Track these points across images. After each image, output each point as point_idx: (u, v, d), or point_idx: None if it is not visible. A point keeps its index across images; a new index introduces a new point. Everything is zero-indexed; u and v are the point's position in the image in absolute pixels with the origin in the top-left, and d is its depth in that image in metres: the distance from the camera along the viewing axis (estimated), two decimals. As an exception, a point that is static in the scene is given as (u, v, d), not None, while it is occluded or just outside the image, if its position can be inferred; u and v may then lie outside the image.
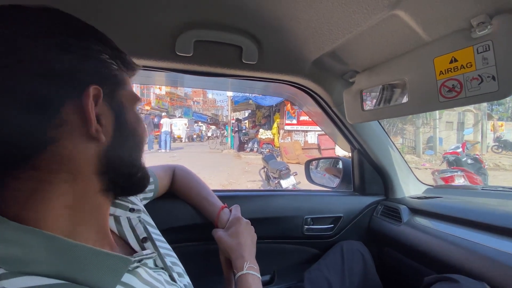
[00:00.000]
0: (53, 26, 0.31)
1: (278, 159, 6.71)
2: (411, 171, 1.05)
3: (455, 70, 0.51)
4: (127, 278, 0.33)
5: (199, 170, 7.05)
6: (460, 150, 4.50)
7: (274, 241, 0.96)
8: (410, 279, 0.82)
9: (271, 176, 4.81)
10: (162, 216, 0.70)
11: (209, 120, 27.13)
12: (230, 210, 0.75)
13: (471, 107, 11.43)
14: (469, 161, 4.33)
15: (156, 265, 0.45)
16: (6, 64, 0.28)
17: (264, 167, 5.36)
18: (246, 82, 0.85)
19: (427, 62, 0.56)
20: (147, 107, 17.53)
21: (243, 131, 12.93)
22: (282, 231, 0.95)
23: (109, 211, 0.41)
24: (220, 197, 0.91)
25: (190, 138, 18.39)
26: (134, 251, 0.45)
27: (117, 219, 0.46)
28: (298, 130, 10.07)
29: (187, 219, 0.79)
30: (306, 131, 10.14)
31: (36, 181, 0.30)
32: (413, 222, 0.85)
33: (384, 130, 0.97)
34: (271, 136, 10.41)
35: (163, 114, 13.74)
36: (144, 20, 0.58)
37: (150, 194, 0.69)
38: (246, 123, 15.92)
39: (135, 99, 0.39)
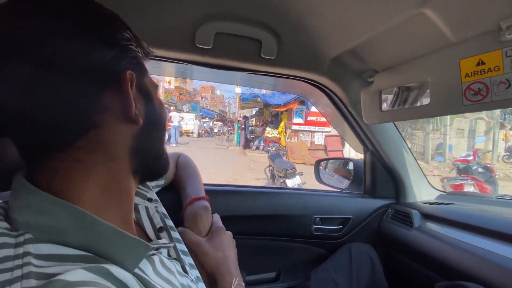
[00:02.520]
0: (93, 20, 0.32)
1: (284, 158, 6.70)
2: (424, 176, 1.03)
3: (482, 73, 0.50)
4: (142, 263, 0.33)
5: (205, 166, 7.11)
6: (471, 158, 4.41)
7: (282, 238, 0.96)
8: (419, 285, 0.80)
9: (276, 175, 4.80)
10: (173, 207, 0.71)
11: (216, 116, 27.22)
12: (208, 201, 0.66)
13: (483, 114, 11.16)
14: (480, 169, 4.23)
15: (169, 255, 0.46)
16: (50, 55, 0.28)
17: (269, 166, 5.36)
18: (262, 77, 0.85)
19: (452, 63, 0.54)
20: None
21: (250, 128, 12.94)
22: (290, 229, 0.95)
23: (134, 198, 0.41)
24: (228, 192, 0.92)
25: (199, 134, 18.51)
26: (150, 240, 0.46)
27: (135, 207, 0.47)
28: (305, 131, 10.02)
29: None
30: (313, 131, 10.09)
31: (76, 161, 0.31)
32: (424, 228, 0.83)
33: (399, 133, 0.95)
34: (278, 135, 10.39)
35: (172, 108, 13.83)
36: (165, 11, 0.58)
37: (162, 181, 0.70)
38: (253, 121, 15.91)
39: (156, 85, 0.41)
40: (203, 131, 19.04)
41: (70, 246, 0.28)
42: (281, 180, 4.34)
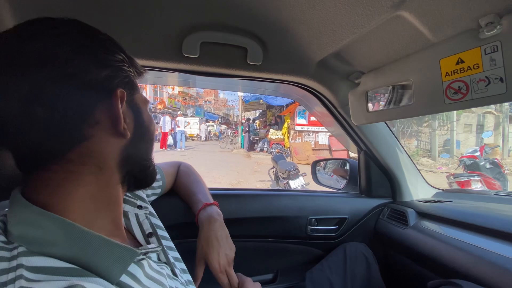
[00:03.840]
0: (87, 42, 0.35)
1: (288, 159, 6.69)
2: (420, 174, 1.03)
3: (462, 71, 0.50)
4: (132, 268, 0.35)
5: (210, 169, 7.14)
6: (478, 153, 4.32)
7: (278, 240, 0.97)
8: (415, 284, 0.80)
9: (280, 177, 4.80)
10: (168, 213, 0.73)
11: (220, 119, 27.35)
12: (218, 207, 0.71)
13: (492, 108, 10.92)
14: (488, 165, 4.14)
15: (159, 259, 0.47)
16: (49, 75, 0.31)
17: (273, 167, 5.35)
18: (255, 82, 0.86)
19: (433, 63, 0.55)
20: (160, 106, 17.86)
21: (255, 130, 12.95)
22: (286, 231, 0.96)
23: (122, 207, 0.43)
24: (225, 195, 0.93)
25: (207, 137, 18.64)
26: (140, 245, 0.47)
27: (125, 214, 0.49)
28: (309, 131, 9.96)
29: (192, 216, 0.81)
30: (317, 131, 10.02)
31: (67, 172, 0.33)
32: (419, 226, 0.83)
33: (392, 132, 0.95)
34: (281, 136, 10.36)
35: (179, 113, 13.93)
36: (151, 23, 0.60)
37: (158, 190, 0.72)
38: (257, 122, 15.92)
39: (146, 101, 0.43)
40: (213, 135, 19.11)
41: (59, 259, 0.29)
42: (285, 182, 4.34)
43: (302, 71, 0.75)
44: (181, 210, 0.81)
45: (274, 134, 10.73)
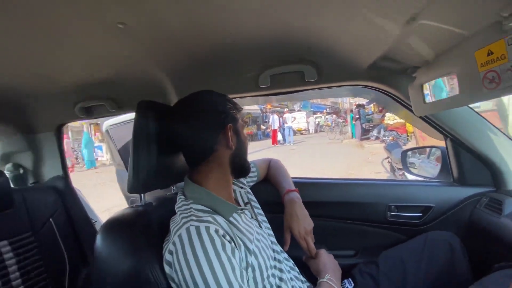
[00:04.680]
0: (217, 103, 0.72)
1: (410, 146, 5.79)
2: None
3: (492, 62, 0.53)
4: (235, 215, 0.69)
5: (317, 161, 7.27)
6: None
7: (356, 222, 1.10)
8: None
9: (396, 167, 4.31)
10: (264, 194, 1.04)
11: (328, 109, 26.49)
12: (298, 192, 0.96)
13: None
14: None
15: (252, 217, 0.80)
16: (207, 121, 0.69)
17: (387, 157, 4.85)
18: (322, 90, 1.05)
19: (470, 55, 0.58)
20: (269, 106, 19.53)
21: (367, 116, 11.83)
22: (364, 215, 1.08)
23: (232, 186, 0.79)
24: (307, 184, 1.17)
25: (316, 129, 18.80)
26: (240, 206, 0.82)
27: (234, 191, 0.85)
28: (440, 109, 8.02)
29: (280, 198, 1.09)
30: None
31: (207, 167, 0.71)
32: None
33: (480, 116, 0.87)
34: (401, 120, 8.92)
35: (285, 109, 14.80)
36: (241, 69, 0.93)
37: (254, 178, 1.07)
38: (371, 107, 14.36)
39: (243, 126, 0.77)
40: (325, 126, 18.88)
41: (204, 206, 0.67)
42: (401, 173, 3.89)
43: (356, 76, 0.88)
44: (273, 193, 1.12)
45: (391, 118, 9.39)
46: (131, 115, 1.89)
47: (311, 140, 13.65)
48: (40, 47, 0.67)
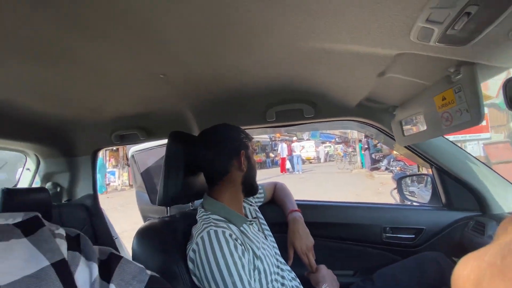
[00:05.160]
0: (234, 134, 0.90)
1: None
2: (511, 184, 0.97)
3: (446, 105, 0.69)
4: (245, 226, 0.83)
5: (327, 191, 7.20)
6: None
7: (354, 243, 1.19)
8: None
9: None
10: (270, 213, 1.17)
11: (337, 139, 26.60)
12: (301, 212, 1.09)
13: None
14: None
15: (259, 230, 0.92)
16: (224, 148, 0.87)
17: (395, 188, 4.83)
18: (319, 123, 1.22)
19: (430, 100, 0.74)
20: (278, 134, 19.93)
21: (377, 146, 11.85)
22: (362, 236, 1.17)
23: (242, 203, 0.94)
24: (308, 206, 1.28)
25: (326, 159, 18.93)
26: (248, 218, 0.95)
27: (244, 207, 0.99)
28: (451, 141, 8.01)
29: (285, 217, 1.21)
30: (464, 140, 7.90)
31: (222, 186, 0.87)
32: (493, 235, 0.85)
33: (458, 146, 1.00)
34: (410, 151, 8.90)
35: (294, 138, 15.04)
36: (252, 105, 1.12)
37: (262, 199, 1.20)
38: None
39: (253, 152, 0.94)
40: (336, 155, 19.00)
41: (221, 216, 0.81)
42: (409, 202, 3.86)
43: (345, 113, 1.05)
44: (279, 214, 1.24)
45: (400, 149, 9.41)
46: (154, 143, 2.10)
47: (320, 168, 13.61)
48: (92, 87, 0.84)
